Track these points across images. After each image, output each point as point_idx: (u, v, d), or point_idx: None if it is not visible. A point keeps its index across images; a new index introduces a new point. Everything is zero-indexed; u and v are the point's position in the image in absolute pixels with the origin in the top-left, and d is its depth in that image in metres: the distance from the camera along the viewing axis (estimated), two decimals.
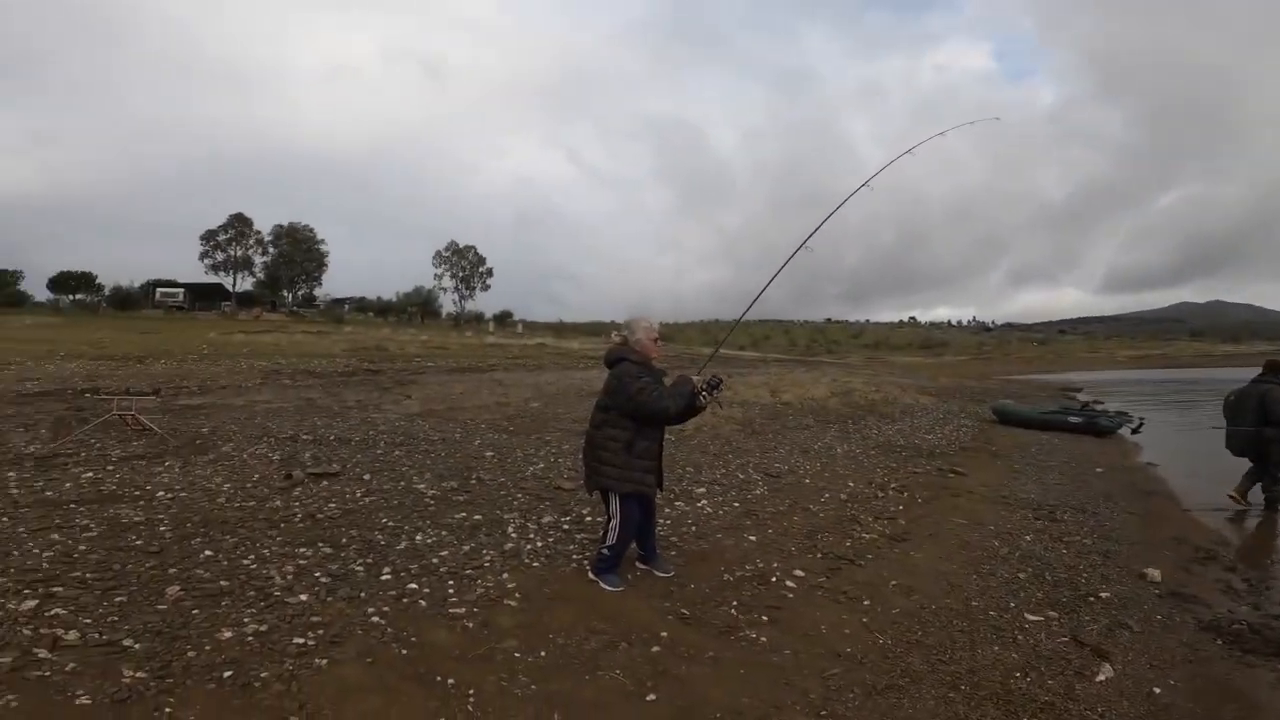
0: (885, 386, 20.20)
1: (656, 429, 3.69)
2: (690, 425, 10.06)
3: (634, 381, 3.51)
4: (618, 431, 3.58)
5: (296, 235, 59.19)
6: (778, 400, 14.28)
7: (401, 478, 6.03)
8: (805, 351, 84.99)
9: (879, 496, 6.59)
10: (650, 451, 3.66)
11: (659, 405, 3.50)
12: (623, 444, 3.57)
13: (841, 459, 8.39)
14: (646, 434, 3.63)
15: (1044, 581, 4.60)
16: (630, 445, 3.57)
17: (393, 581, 3.68)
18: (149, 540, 4.19)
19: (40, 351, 17.62)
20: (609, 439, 3.59)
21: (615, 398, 3.57)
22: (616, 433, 3.58)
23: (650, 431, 3.65)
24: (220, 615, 3.15)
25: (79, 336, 23.24)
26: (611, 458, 3.58)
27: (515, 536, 4.52)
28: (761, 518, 5.35)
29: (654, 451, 3.69)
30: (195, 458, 6.58)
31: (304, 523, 4.68)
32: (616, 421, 3.58)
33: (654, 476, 3.72)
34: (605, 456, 3.59)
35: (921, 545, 5.13)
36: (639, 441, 3.59)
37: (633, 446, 3.58)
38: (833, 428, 11.15)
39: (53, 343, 20.32)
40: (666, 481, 5.87)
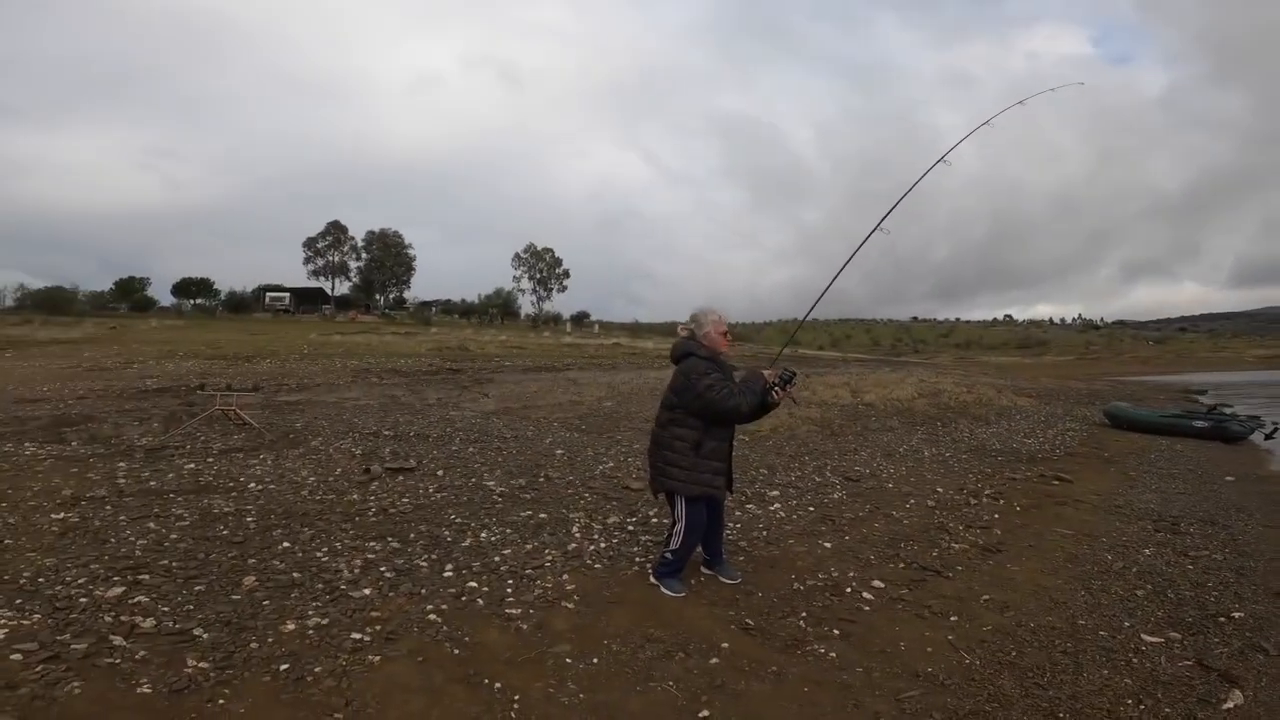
0: (978, 387, 18.98)
1: (726, 428, 3.50)
2: (764, 425, 9.78)
3: (702, 378, 3.33)
4: (685, 431, 3.41)
5: (386, 241, 62.45)
6: (859, 401, 13.66)
7: (473, 474, 6.09)
8: (889, 351, 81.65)
9: (971, 504, 6.10)
10: (719, 452, 3.47)
11: (729, 403, 3.30)
12: (690, 444, 3.39)
13: (929, 463, 7.87)
14: (715, 433, 3.44)
15: (1165, 599, 4.09)
16: (698, 445, 3.39)
17: (454, 578, 3.68)
18: (234, 530, 4.39)
19: (161, 352, 19.26)
20: (676, 439, 3.42)
21: (682, 395, 3.40)
22: (684, 432, 3.41)
23: (719, 431, 3.46)
24: (288, 607, 3.22)
25: (197, 338, 25.32)
26: (678, 458, 3.41)
27: (579, 536, 4.44)
28: (838, 523, 5.04)
29: (723, 452, 3.50)
30: (287, 451, 6.91)
31: (376, 517, 4.78)
32: (683, 420, 3.41)
33: (723, 479, 3.52)
34: (671, 457, 3.42)
35: (1019, 557, 4.68)
36: (707, 441, 3.41)
37: (701, 447, 3.40)
38: (919, 430, 10.52)
39: (173, 343, 22.19)
40: (737, 483, 5.63)
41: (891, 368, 31.02)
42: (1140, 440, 11.34)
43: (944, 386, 18.06)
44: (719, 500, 3.57)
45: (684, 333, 3.61)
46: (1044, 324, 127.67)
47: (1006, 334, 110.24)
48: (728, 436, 3.53)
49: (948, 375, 26.17)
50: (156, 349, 20.34)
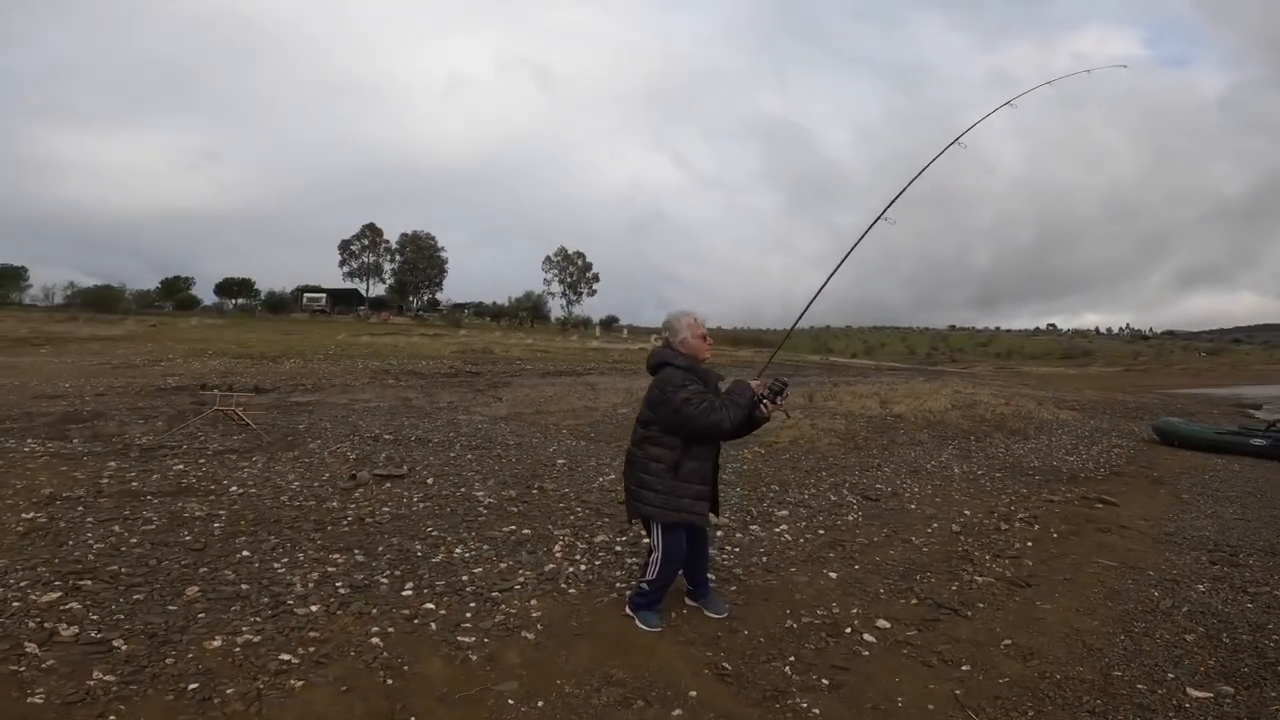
0: (1017, 399, 18.11)
1: (708, 446, 3.11)
2: (783, 436, 9.31)
3: (679, 390, 2.95)
4: (661, 450, 3.03)
5: (419, 243, 63.38)
6: (888, 412, 13.06)
7: (464, 483, 5.80)
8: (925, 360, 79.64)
9: (1001, 529, 5.56)
10: (701, 473, 3.08)
11: (710, 418, 2.92)
12: (667, 465, 3.02)
13: (958, 481, 7.31)
14: (696, 452, 3.05)
15: (1219, 645, 3.55)
16: (676, 466, 3.01)
17: (412, 598, 3.41)
18: (198, 536, 4.20)
19: (192, 350, 19.59)
20: (651, 459, 3.05)
21: (658, 410, 3.03)
22: (660, 451, 3.03)
23: (701, 449, 3.07)
24: (223, 621, 3.02)
25: (230, 337, 25.80)
26: (654, 481, 3.04)
27: (559, 556, 4.09)
28: (849, 549, 4.58)
29: (705, 473, 3.10)
30: (281, 454, 6.74)
31: (350, 526, 4.52)
32: (659, 438, 3.04)
33: (706, 503, 3.13)
34: (646, 479, 3.05)
35: (1052, 593, 4.17)
36: (686, 462, 3.03)
37: (679, 468, 3.01)
38: (951, 445, 9.92)
39: (206, 342, 22.61)
40: (745, 500, 5.19)
41: (926, 377, 30.04)
42: (1193, 459, 10.53)
43: (981, 398, 17.27)
44: (701, 527, 3.18)
45: (659, 341, 3.24)
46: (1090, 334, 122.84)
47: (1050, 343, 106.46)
48: (711, 456, 3.14)
49: (985, 386, 25.19)
50: (188, 347, 20.73)
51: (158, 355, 17.75)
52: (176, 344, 21.90)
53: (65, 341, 21.28)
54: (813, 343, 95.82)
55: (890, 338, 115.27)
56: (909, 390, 17.97)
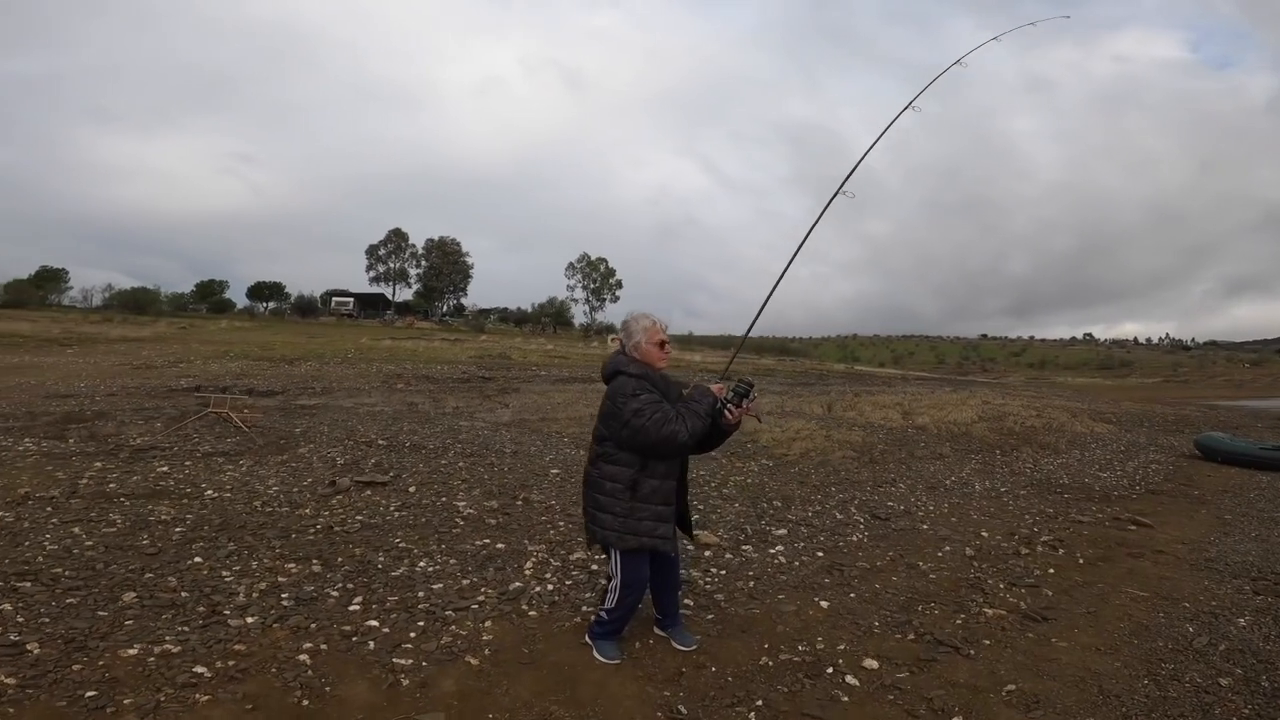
0: (1050, 411, 17.38)
1: (669, 462, 2.78)
2: (793, 449, 8.91)
3: (630, 400, 2.63)
4: (617, 469, 2.72)
5: (445, 249, 63.99)
6: (909, 423, 12.56)
7: (447, 492, 5.56)
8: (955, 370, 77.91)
9: (1021, 554, 5.14)
10: (662, 492, 2.76)
11: (665, 430, 2.60)
12: (624, 484, 2.71)
13: (979, 499, 6.87)
14: (656, 470, 2.73)
15: (1257, 691, 3.14)
16: (634, 486, 2.70)
17: (358, 613, 3.20)
18: (156, 540, 4.08)
19: (215, 352, 19.82)
20: (606, 478, 2.74)
21: (609, 424, 2.73)
22: (615, 470, 2.72)
23: (661, 466, 2.74)
24: (149, 629, 2.91)
25: (255, 339, 26.14)
26: (610, 503, 2.73)
27: (529, 574, 3.82)
28: (847, 574, 4.21)
29: (667, 492, 2.78)
30: (270, 458, 6.59)
31: (316, 535, 4.31)
32: (614, 455, 2.73)
33: (668, 525, 2.79)
34: (602, 501, 2.75)
35: (1071, 628, 3.77)
36: (645, 481, 2.71)
37: (637, 488, 2.70)
38: (974, 459, 9.42)
39: (230, 344, 22.90)
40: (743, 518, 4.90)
41: (954, 387, 29.18)
42: (1237, 476, 9.87)
43: (1010, 409, 16.59)
44: (666, 552, 2.84)
45: (614, 341, 2.92)
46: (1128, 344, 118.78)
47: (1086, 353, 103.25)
48: (674, 472, 2.81)
49: (1016, 397, 24.34)
50: (212, 349, 21.01)
51: (179, 357, 17.97)
52: (201, 346, 22.23)
53: (94, 342, 21.74)
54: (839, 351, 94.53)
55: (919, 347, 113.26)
56: (934, 401, 17.37)
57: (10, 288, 43.20)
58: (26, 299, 40.61)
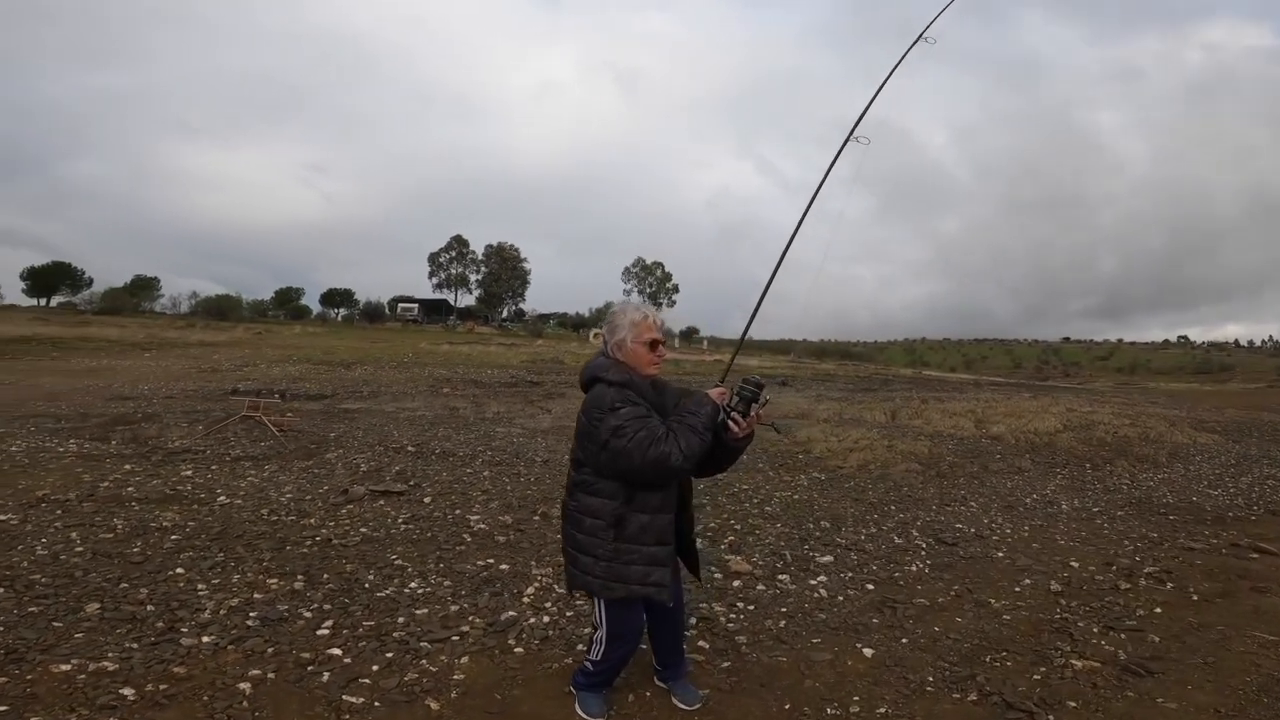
0: (1144, 419, 15.78)
1: (664, 491, 2.20)
2: (849, 460, 8.16)
3: (607, 417, 2.08)
4: (597, 501, 2.17)
5: (504, 254, 65.10)
6: (983, 433, 11.51)
7: (464, 504, 5.20)
8: (1032, 374, 73.53)
9: (1120, 588, 4.34)
10: (655, 530, 2.18)
11: (651, 454, 2.03)
12: (606, 521, 2.14)
13: (1066, 521, 6.00)
14: (645, 502, 2.16)
15: None
16: (619, 523, 2.13)
17: (324, 639, 2.88)
18: (146, 549, 3.92)
19: (280, 356, 20.47)
20: (586, 512, 2.19)
21: (585, 445, 2.18)
22: (595, 502, 2.17)
23: (653, 498, 2.17)
24: (96, 643, 2.74)
25: (321, 344, 27.02)
26: (591, 543, 2.17)
27: (526, 602, 3.36)
28: (901, 613, 3.56)
29: (662, 529, 2.20)
30: (295, 463, 6.42)
31: (310, 548, 4.01)
32: (594, 484, 2.18)
33: (664, 569, 2.20)
34: (582, 540, 2.19)
35: (1183, 684, 3.04)
36: (633, 516, 2.15)
37: (623, 525, 2.14)
38: (1059, 473, 8.42)
39: (298, 349, 23.68)
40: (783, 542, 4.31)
41: (1033, 393, 27.26)
42: None
43: (1099, 417, 15.14)
44: (659, 602, 2.25)
45: (597, 340, 2.34)
46: (1229, 346, 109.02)
47: (1181, 356, 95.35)
48: (670, 504, 2.22)
49: (1105, 403, 22.41)
50: (279, 353, 21.74)
51: (246, 361, 18.61)
52: (271, 350, 23.05)
53: (173, 347, 22.88)
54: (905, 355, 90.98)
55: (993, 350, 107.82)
56: (1011, 408, 16.04)
57: (107, 295, 46.56)
58: (121, 306, 43.59)
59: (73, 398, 10.32)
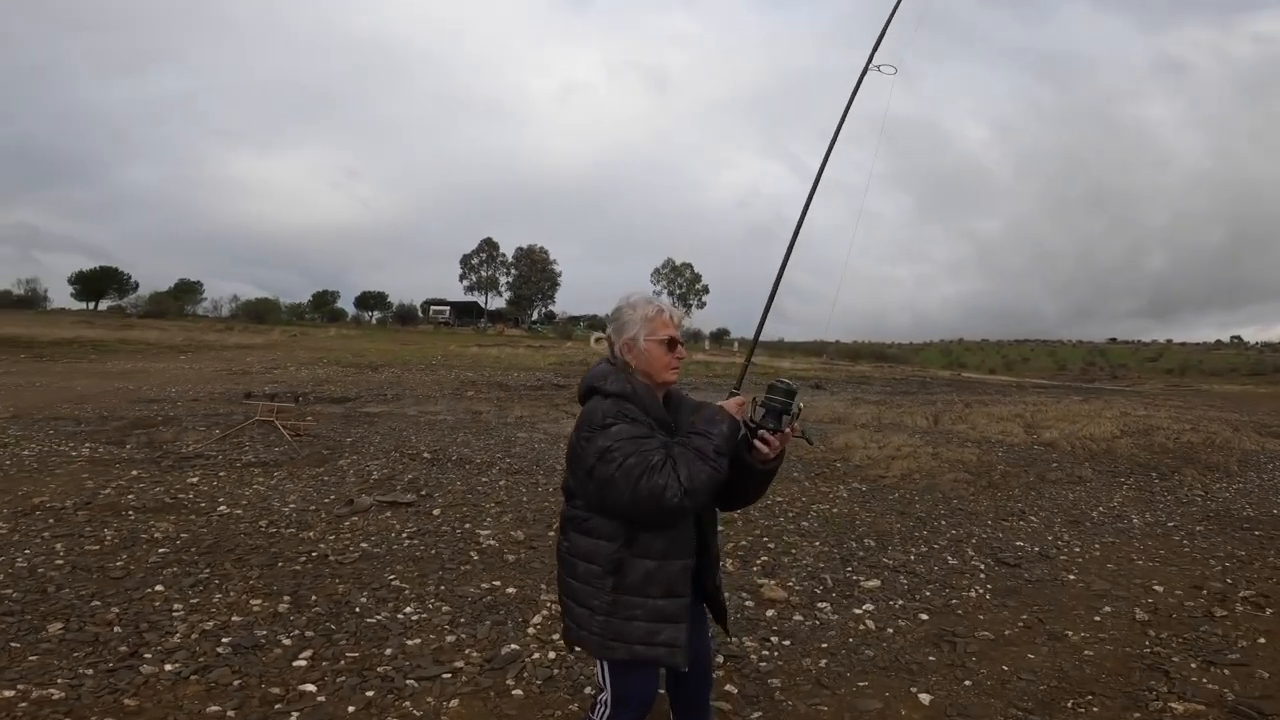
0: (1206, 423, 14.77)
1: (671, 530, 1.67)
2: (892, 469, 7.61)
3: (596, 436, 1.61)
4: (592, 543, 1.68)
5: (533, 257, 65.25)
6: (1035, 439, 10.82)
7: (475, 517, 4.86)
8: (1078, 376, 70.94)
9: (1215, 616, 3.82)
10: (664, 580, 1.66)
11: (644, 486, 1.53)
12: (603, 567, 1.66)
13: (1140, 538, 5.43)
14: (651, 545, 1.65)
15: None
16: (618, 569, 1.64)
17: (299, 672, 2.58)
18: (130, 562, 3.66)
19: (311, 358, 20.58)
20: (578, 555, 1.70)
21: (574, 473, 1.70)
22: (589, 544, 1.68)
23: (656, 539, 1.65)
24: (48, 667, 2.51)
25: (353, 347, 27.22)
26: (586, 592, 1.69)
27: (532, 634, 2.99)
28: (962, 649, 3.08)
29: (673, 578, 1.68)
30: (306, 470, 6.17)
31: (304, 565, 3.70)
32: (588, 522, 1.68)
33: (677, 628, 1.68)
34: (576, 589, 1.71)
35: None
36: (635, 562, 1.64)
37: (623, 572, 1.64)
38: (1124, 483, 7.76)
39: (329, 351, 23.83)
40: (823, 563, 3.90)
41: (1082, 396, 26.04)
42: None
43: (1157, 421, 14.21)
44: (671, 667, 1.73)
45: (597, 343, 1.82)
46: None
47: (1234, 357, 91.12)
48: (685, 547, 1.71)
49: (1160, 406, 21.23)
50: (310, 355, 21.90)
51: (277, 363, 18.72)
52: (303, 353, 23.23)
53: (209, 349, 23.22)
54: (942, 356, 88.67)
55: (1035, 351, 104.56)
56: (1061, 412, 15.20)
57: (153, 299, 47.92)
58: (165, 309, 44.78)
59: (100, 400, 10.32)
